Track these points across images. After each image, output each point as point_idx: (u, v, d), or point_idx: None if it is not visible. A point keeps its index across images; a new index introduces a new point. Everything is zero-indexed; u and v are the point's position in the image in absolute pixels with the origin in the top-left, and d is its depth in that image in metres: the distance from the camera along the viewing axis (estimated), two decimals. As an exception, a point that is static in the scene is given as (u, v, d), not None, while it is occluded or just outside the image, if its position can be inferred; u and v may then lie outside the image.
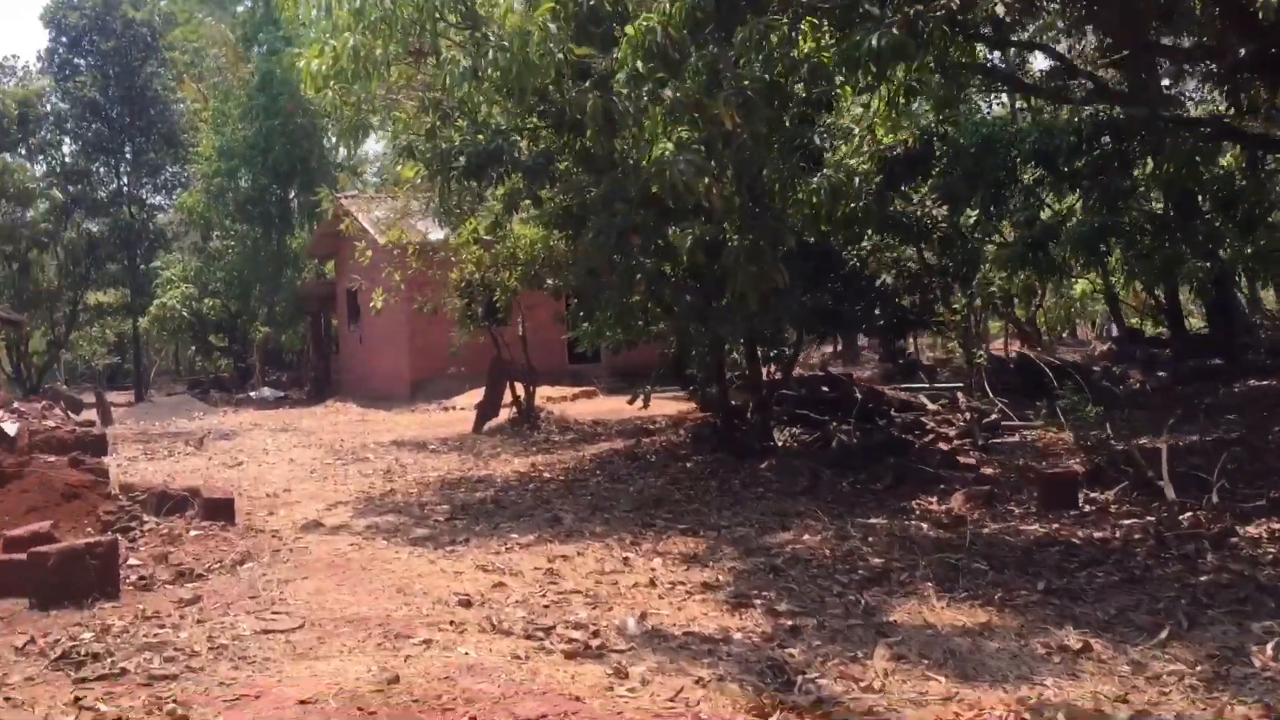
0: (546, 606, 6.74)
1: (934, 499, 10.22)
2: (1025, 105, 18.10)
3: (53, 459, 11.84)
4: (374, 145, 44.08)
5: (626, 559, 8.18)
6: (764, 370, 13.62)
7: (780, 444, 13.37)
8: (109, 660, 5.79)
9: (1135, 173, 12.63)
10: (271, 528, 10.41)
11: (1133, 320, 30.45)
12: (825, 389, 16.55)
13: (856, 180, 9.73)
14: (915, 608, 6.42)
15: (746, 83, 6.61)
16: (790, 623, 6.21)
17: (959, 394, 16.68)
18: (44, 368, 42.87)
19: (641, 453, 14.11)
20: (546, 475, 13.21)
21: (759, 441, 12.96)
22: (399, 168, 18.79)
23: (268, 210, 37.61)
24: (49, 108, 41.78)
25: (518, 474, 13.51)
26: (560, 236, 13.11)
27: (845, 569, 7.57)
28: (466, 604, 6.83)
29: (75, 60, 41.45)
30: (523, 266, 15.00)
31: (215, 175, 36.89)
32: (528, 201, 11.94)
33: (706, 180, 6.72)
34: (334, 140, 37.66)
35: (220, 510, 10.52)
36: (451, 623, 6.31)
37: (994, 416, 15.52)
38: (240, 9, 41.64)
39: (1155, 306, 28.32)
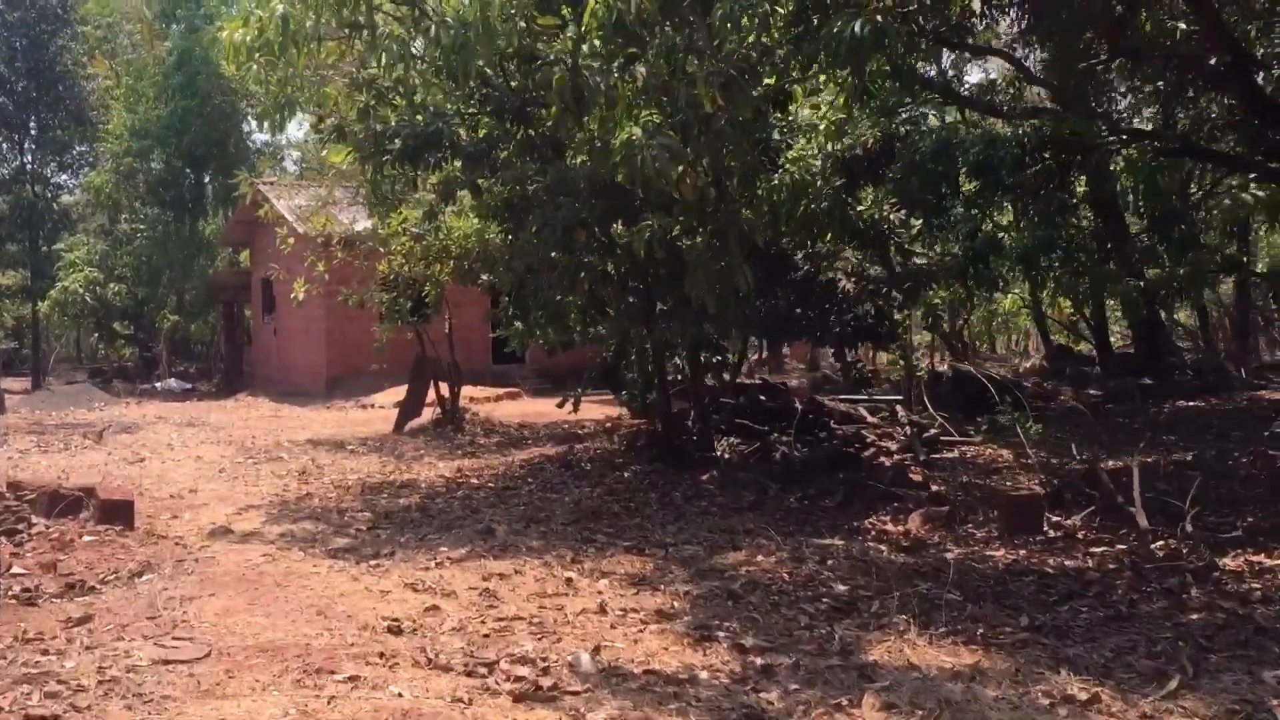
0: (487, 635, 6.04)
1: (887, 518, 9.73)
2: (959, 118, 17.78)
3: (-69, 452, 10.78)
4: (296, 130, 42.73)
5: (570, 580, 7.52)
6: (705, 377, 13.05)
7: (720, 454, 12.81)
8: (-22, 696, 4.98)
9: (1075, 187, 12.36)
10: (175, 534, 9.57)
11: (1056, 336, 30.61)
12: (763, 398, 16.08)
13: (818, 180, 9.21)
14: (895, 645, 5.86)
15: (724, 64, 6.01)
16: (760, 660, 5.60)
17: (898, 407, 16.33)
18: (-65, 351, 40.70)
19: (575, 460, 13.44)
20: (475, 481, 12.49)
21: (700, 452, 12.39)
22: (325, 151, 17.91)
23: (181, 194, 36.12)
24: (-52, 78, 39.59)
25: (444, 479, 12.76)
26: (498, 230, 12.38)
27: (809, 596, 7.00)
28: (396, 630, 6.11)
29: (-22, 30, 39.41)
30: (455, 260, 14.20)
31: (126, 155, 35.28)
32: (465, 191, 11.19)
33: (680, 169, 6.09)
34: (254, 123, 36.37)
35: (118, 513, 9.63)
36: (381, 654, 5.59)
37: (933, 431, 15.19)
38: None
39: (1077, 323, 28.48)
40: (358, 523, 10.03)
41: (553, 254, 10.73)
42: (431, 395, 18.73)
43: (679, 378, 14.68)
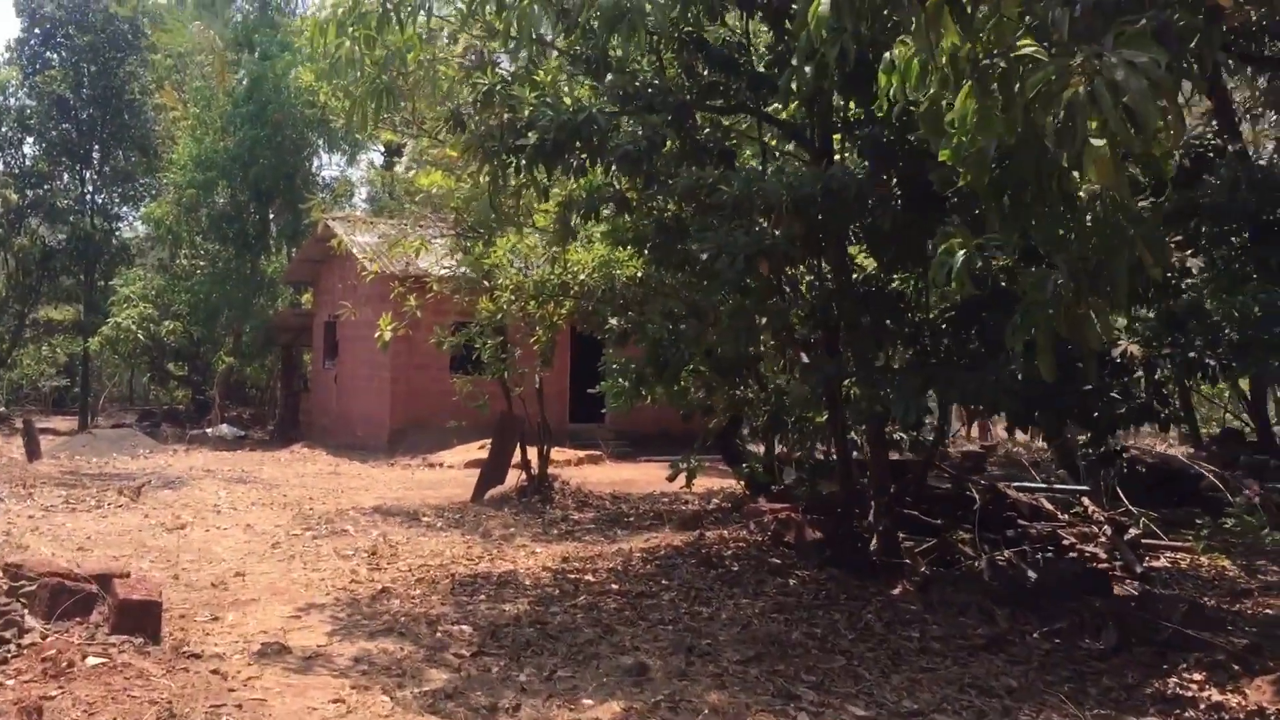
0: None
1: (1200, 676, 6.93)
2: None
3: (-89, 520, 8.37)
4: (372, 158, 40.71)
5: (810, 786, 4.84)
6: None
7: (905, 560, 10.05)
8: None
9: None
10: (212, 650, 7.06)
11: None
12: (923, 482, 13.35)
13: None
14: None
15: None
16: None
17: (1085, 500, 13.53)
18: (-18, 386, 38.95)
19: (713, 554, 10.73)
20: (591, 579, 9.85)
21: (883, 556, 9.66)
22: (412, 173, 15.61)
23: (244, 229, 34.07)
24: (13, 103, 38.13)
25: (550, 572, 10.15)
26: (638, 261, 9.82)
27: None
28: None
29: (47, 54, 37.87)
30: (573, 300, 11.61)
31: (189, 186, 33.32)
32: (608, 210, 8.64)
33: (1162, 106, 3.40)
34: (325, 156, 34.48)
35: (139, 618, 7.13)
36: None
37: (1135, 532, 12.39)
38: (235, 11, 38.59)
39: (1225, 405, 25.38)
40: (455, 643, 7.45)
41: (722, 294, 8.15)
42: (515, 458, 16.21)
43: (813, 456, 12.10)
